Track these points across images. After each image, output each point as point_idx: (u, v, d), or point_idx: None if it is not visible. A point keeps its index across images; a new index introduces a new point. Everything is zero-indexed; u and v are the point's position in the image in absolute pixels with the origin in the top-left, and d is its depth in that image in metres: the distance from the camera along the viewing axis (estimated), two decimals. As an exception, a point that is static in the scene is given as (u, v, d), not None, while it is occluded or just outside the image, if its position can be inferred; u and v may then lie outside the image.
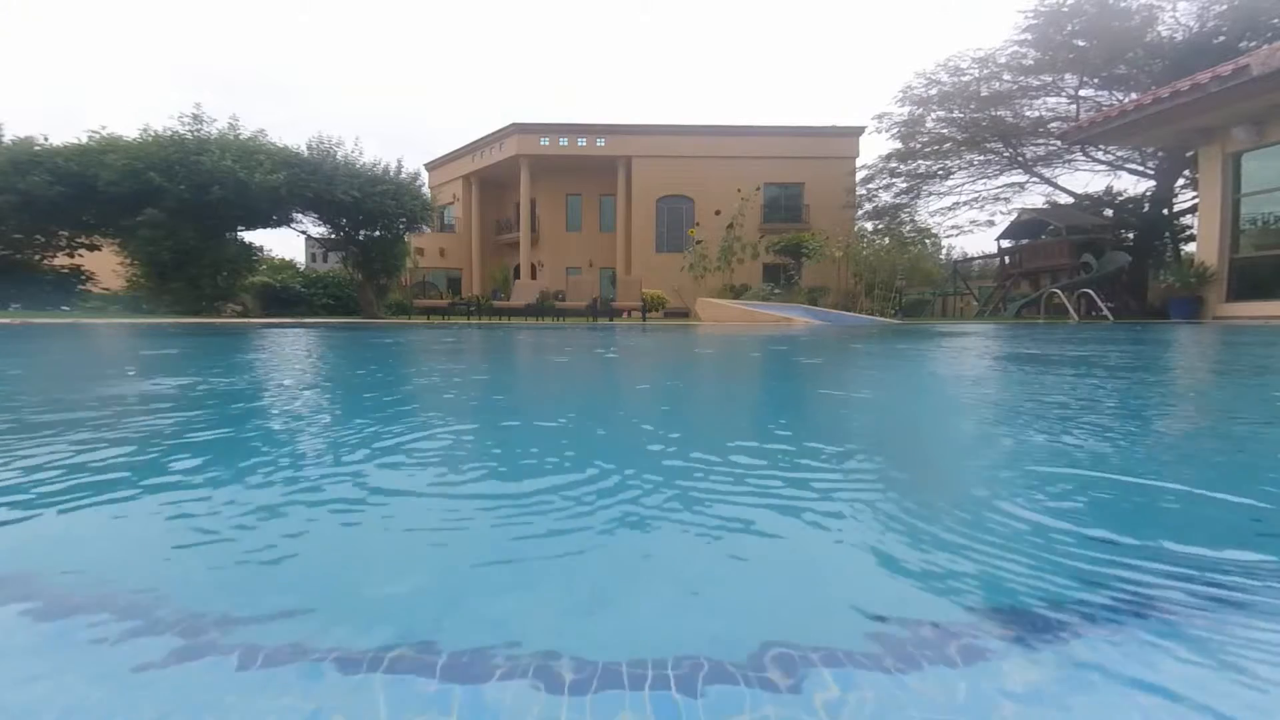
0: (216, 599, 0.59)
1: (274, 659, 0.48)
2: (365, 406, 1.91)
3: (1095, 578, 0.63)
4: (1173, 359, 4.02)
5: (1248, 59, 8.95)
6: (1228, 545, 0.72)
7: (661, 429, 1.47)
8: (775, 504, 0.87)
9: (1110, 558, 0.68)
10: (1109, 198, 18.62)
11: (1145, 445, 1.39)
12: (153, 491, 0.95)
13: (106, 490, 0.95)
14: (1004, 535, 0.74)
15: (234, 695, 0.44)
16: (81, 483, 0.97)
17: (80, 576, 0.64)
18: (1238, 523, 0.84)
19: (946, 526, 0.77)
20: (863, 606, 0.57)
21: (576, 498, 0.88)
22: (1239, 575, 0.64)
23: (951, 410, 2.03)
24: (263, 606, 0.57)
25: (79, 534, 0.78)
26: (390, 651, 0.49)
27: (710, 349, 4.98)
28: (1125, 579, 0.62)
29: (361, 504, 0.87)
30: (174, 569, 0.67)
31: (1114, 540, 0.73)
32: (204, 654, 0.49)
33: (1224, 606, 0.57)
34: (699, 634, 0.52)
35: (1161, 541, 0.73)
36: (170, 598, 0.59)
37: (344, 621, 0.54)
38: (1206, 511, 0.88)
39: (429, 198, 16.65)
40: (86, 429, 1.40)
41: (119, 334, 6.57)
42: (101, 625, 0.53)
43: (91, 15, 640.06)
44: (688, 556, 0.70)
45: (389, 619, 0.55)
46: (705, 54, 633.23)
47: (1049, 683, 0.46)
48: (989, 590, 0.61)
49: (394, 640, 0.50)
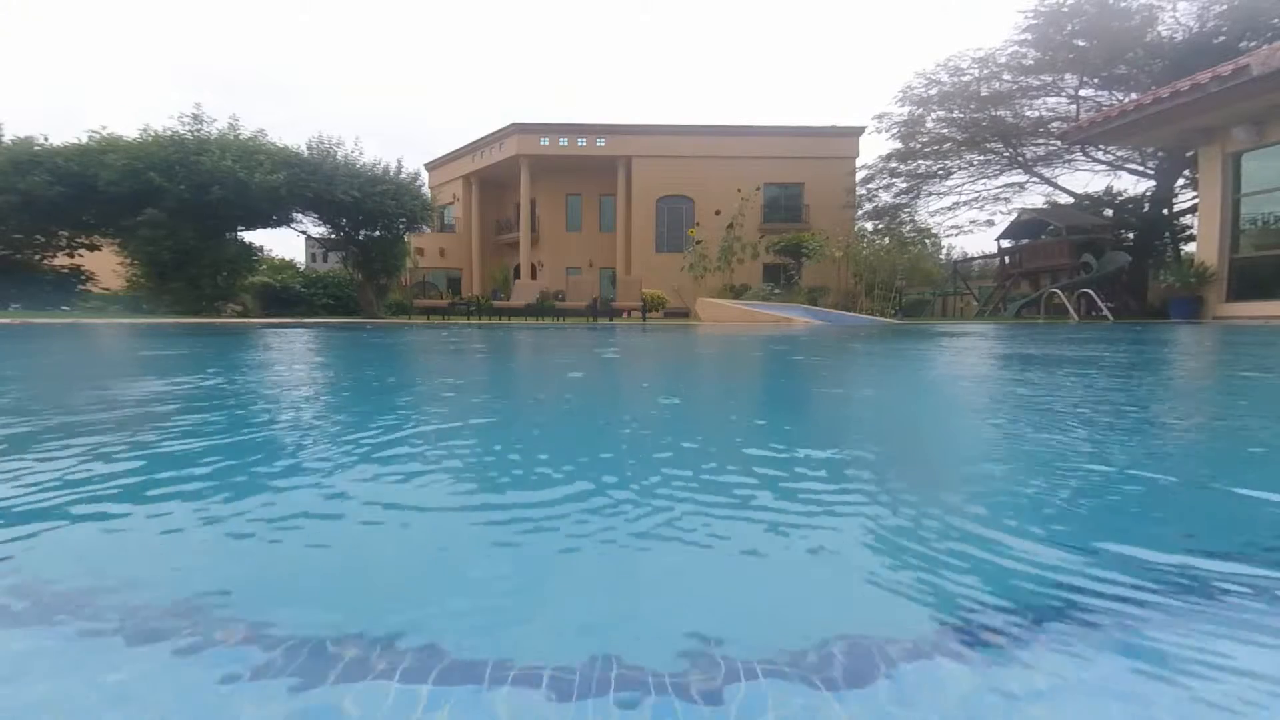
0: (216, 598, 0.59)
1: (274, 658, 0.48)
2: (385, 408, 1.91)
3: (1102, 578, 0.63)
4: (1174, 359, 4.02)
5: (1248, 59, 8.95)
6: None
7: (661, 429, 1.47)
8: (782, 504, 0.87)
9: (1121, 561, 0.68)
10: (1109, 198, 18.61)
11: (1155, 442, 1.39)
12: (192, 497, 0.95)
13: (146, 492, 0.95)
14: (1004, 535, 0.74)
15: (235, 695, 0.44)
16: (122, 485, 0.97)
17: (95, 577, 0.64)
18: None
19: (971, 525, 0.77)
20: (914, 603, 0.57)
21: (592, 499, 0.88)
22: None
23: (953, 410, 2.02)
24: (260, 605, 0.57)
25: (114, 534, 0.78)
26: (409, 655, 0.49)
27: (710, 349, 4.98)
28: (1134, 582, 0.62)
29: (398, 510, 0.87)
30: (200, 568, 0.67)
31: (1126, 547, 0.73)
32: (193, 652, 0.49)
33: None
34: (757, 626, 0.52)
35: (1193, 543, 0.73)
36: (173, 595, 0.59)
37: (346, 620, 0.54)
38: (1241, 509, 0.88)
39: (429, 198, 16.64)
40: (107, 429, 1.40)
41: (119, 334, 6.57)
42: (103, 625, 0.53)
43: (91, 15, 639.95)
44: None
45: (407, 619, 0.55)
46: (705, 54, 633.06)
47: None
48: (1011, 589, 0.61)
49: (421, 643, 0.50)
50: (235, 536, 0.75)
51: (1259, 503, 0.91)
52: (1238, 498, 0.94)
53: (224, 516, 0.81)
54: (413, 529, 0.79)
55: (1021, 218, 16.74)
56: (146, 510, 0.85)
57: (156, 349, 4.36)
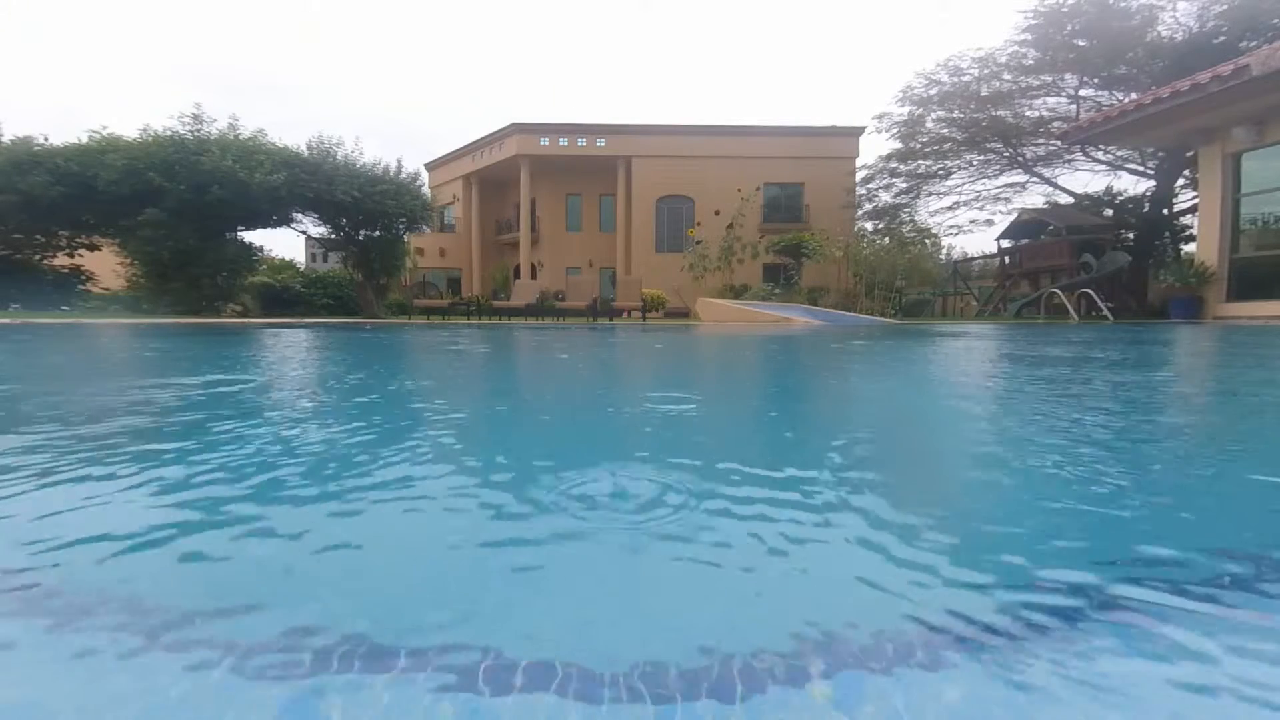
0: (213, 594, 0.59)
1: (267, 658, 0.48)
2: (395, 407, 1.91)
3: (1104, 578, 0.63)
4: (1175, 358, 4.02)
5: (1248, 59, 8.95)
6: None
7: (666, 427, 1.47)
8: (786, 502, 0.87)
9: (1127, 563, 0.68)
10: (1109, 198, 18.62)
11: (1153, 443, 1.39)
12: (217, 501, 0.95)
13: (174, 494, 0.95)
14: (1007, 535, 0.74)
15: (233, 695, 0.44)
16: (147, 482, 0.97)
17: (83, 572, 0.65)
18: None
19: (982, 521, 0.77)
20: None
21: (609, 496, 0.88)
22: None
23: (954, 410, 2.03)
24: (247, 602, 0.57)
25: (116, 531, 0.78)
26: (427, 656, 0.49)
27: (711, 349, 4.98)
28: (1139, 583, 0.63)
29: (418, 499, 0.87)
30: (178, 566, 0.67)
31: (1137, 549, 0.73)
32: (189, 651, 0.49)
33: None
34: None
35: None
36: (168, 597, 0.59)
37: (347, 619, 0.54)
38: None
39: (429, 198, 16.63)
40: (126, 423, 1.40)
41: (123, 334, 6.57)
42: (102, 623, 0.53)
43: (92, 15, 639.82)
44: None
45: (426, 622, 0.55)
46: (705, 54, 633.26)
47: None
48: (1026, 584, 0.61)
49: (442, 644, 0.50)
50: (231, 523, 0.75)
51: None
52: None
53: (216, 511, 0.81)
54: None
55: (1021, 218, 16.74)
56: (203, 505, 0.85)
57: (183, 351, 4.36)
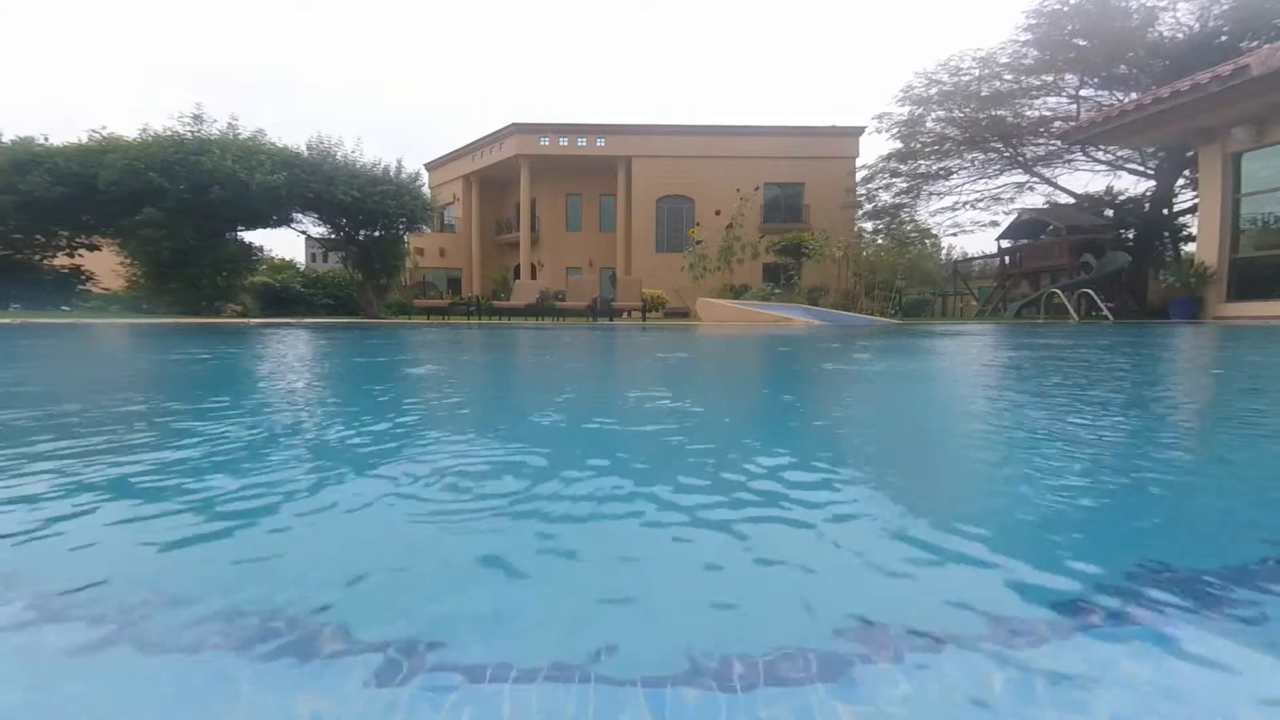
0: (211, 594, 0.59)
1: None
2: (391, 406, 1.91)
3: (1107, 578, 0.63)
4: (1177, 357, 4.02)
5: (1248, 59, 8.94)
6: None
7: (667, 428, 1.47)
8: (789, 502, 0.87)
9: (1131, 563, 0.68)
10: (1109, 198, 18.61)
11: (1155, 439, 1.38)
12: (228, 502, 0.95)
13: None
14: (1007, 536, 0.74)
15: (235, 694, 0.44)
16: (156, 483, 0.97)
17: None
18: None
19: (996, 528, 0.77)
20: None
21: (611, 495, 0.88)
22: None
23: (953, 410, 2.02)
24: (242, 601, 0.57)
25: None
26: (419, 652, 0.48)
27: (711, 349, 4.98)
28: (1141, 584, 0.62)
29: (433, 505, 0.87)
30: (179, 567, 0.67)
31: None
32: (190, 651, 0.49)
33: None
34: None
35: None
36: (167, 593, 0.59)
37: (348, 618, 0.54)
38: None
39: (429, 198, 16.65)
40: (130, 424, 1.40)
41: (125, 335, 6.57)
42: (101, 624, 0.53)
43: (92, 15, 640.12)
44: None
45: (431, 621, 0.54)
46: (705, 54, 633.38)
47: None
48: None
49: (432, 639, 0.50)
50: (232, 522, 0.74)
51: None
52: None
53: (213, 510, 0.81)
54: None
55: (1022, 218, 16.74)
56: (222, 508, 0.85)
57: (168, 351, 4.35)
